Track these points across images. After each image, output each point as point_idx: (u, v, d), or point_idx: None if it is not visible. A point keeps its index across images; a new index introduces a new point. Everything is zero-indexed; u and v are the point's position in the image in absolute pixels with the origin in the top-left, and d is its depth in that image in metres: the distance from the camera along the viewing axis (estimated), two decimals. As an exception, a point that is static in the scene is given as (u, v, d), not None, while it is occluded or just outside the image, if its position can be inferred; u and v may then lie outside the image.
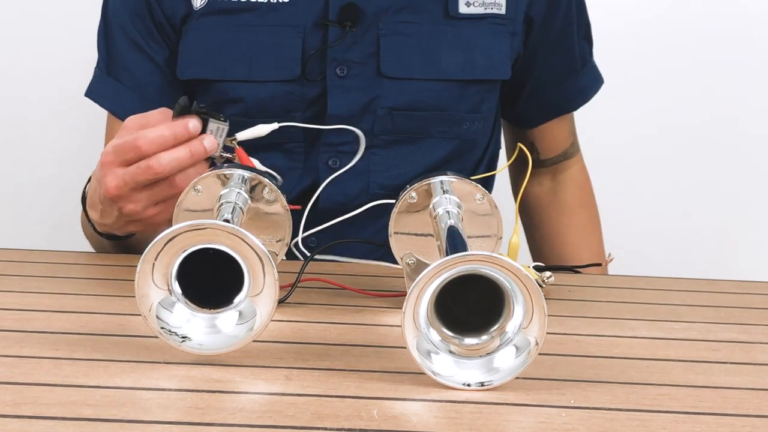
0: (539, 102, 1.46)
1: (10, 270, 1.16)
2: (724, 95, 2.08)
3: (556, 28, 1.40)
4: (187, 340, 0.85)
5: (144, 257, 0.84)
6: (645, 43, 2.07)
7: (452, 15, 1.33)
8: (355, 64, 1.21)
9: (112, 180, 1.11)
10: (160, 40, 1.35)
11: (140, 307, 0.85)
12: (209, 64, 1.33)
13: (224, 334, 0.86)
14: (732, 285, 1.26)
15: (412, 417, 0.77)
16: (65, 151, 2.03)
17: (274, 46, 1.31)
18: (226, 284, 0.86)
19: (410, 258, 1.05)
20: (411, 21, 1.33)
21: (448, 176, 1.04)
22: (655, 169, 2.10)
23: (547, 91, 1.45)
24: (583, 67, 1.47)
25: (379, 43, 1.31)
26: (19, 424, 0.72)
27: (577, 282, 1.23)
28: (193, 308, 0.87)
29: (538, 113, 1.48)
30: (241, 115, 1.30)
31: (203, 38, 1.33)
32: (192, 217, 1.01)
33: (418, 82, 1.26)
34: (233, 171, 1.01)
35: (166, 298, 0.86)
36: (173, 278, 0.86)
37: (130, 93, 1.36)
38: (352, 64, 1.20)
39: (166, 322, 0.86)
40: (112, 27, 1.37)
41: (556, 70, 1.44)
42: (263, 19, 1.32)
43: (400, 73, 1.29)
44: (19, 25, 2.02)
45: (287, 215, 1.02)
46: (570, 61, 1.45)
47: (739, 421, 0.79)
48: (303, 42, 1.31)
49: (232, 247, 0.84)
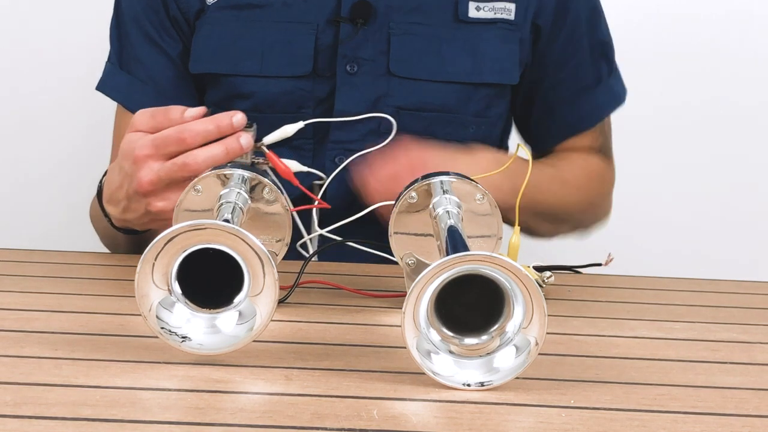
0: (551, 121, 1.45)
1: (10, 270, 1.16)
2: (725, 95, 2.08)
3: (561, 42, 1.40)
4: (187, 340, 0.85)
5: (144, 257, 0.84)
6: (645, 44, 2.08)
7: (461, 19, 1.34)
8: (365, 61, 1.22)
9: (147, 174, 1.08)
10: (174, 34, 1.36)
11: (140, 307, 0.85)
12: (221, 58, 1.34)
13: (224, 334, 0.86)
14: (732, 285, 1.26)
15: (412, 417, 0.77)
16: (66, 150, 2.03)
17: (287, 42, 1.32)
18: (226, 284, 0.86)
19: (410, 258, 1.05)
20: (421, 22, 1.33)
21: (448, 176, 1.04)
22: (655, 169, 2.10)
23: (558, 110, 1.44)
24: (596, 86, 1.45)
25: (390, 42, 1.32)
26: (19, 424, 0.72)
27: (577, 282, 1.23)
28: (193, 308, 0.87)
29: (551, 133, 1.46)
30: (250, 110, 1.30)
31: (216, 33, 1.34)
32: (192, 217, 1.01)
33: (426, 83, 1.27)
34: (233, 171, 1.01)
35: (166, 298, 0.86)
36: (173, 278, 0.86)
37: (144, 86, 1.37)
38: (362, 61, 1.21)
39: (166, 322, 0.86)
40: (126, 21, 1.38)
41: (566, 88, 1.43)
42: (276, 15, 1.33)
43: (408, 73, 1.29)
44: (19, 25, 2.02)
45: (287, 215, 1.02)
46: (580, 79, 1.44)
47: (739, 421, 0.79)
48: (316, 38, 1.32)
49: (232, 247, 0.84)
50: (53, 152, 2.04)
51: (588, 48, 1.43)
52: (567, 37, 1.41)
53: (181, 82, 1.37)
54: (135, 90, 1.38)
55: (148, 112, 1.13)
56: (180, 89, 1.37)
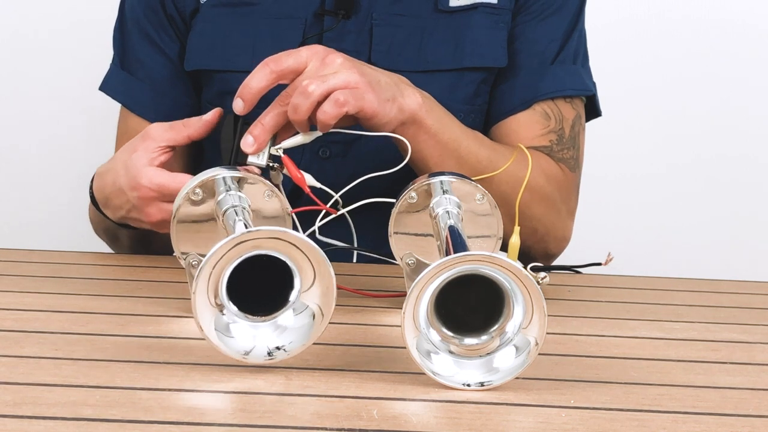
0: (509, 88, 1.38)
1: (10, 270, 1.16)
2: (725, 95, 2.09)
3: (538, 3, 1.37)
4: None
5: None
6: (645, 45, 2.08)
7: (442, 8, 1.34)
8: (349, 53, 1.22)
9: (156, 214, 1.15)
10: (172, 33, 1.38)
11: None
12: (213, 55, 1.35)
13: (293, 328, 0.85)
14: (732, 285, 1.26)
15: (412, 417, 0.77)
16: (66, 150, 2.03)
17: (276, 37, 1.33)
18: (266, 288, 0.85)
19: (410, 258, 1.05)
20: (403, 14, 1.34)
21: (448, 176, 1.04)
22: (655, 168, 2.10)
23: (520, 75, 1.37)
24: (565, 64, 1.39)
25: (372, 34, 1.33)
26: (19, 424, 0.72)
27: (577, 282, 1.23)
28: (253, 320, 0.85)
29: (504, 102, 1.38)
30: None
31: (208, 30, 1.35)
32: (193, 229, 1.00)
33: (408, 74, 1.26)
34: (215, 174, 1.00)
35: (217, 318, 0.84)
36: (225, 297, 0.84)
37: (142, 85, 1.38)
38: (346, 53, 1.21)
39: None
40: (128, 21, 1.41)
41: (535, 52, 1.37)
42: (267, 11, 1.34)
43: (389, 64, 1.29)
44: (19, 26, 2.02)
45: (285, 214, 1.02)
46: (551, 41, 1.38)
47: (739, 421, 0.79)
48: (303, 33, 1.32)
49: (276, 250, 0.83)
50: (53, 152, 2.04)
51: (567, 29, 1.39)
52: (549, 4, 1.37)
53: (179, 81, 1.38)
54: (135, 90, 1.39)
55: (165, 125, 1.18)
56: (178, 88, 1.38)
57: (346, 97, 1.10)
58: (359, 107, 1.11)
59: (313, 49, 1.14)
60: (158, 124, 1.19)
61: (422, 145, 1.20)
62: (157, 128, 1.18)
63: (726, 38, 2.07)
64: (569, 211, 1.38)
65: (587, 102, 1.41)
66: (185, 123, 1.19)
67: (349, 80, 1.11)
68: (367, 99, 1.12)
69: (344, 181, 1.24)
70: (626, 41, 2.07)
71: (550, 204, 1.34)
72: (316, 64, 1.13)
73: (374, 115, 1.13)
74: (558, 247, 1.38)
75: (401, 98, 1.16)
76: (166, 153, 1.17)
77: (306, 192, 1.10)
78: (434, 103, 1.21)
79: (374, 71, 1.16)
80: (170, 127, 1.18)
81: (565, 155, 1.37)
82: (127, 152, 1.19)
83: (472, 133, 1.26)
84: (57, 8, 2.02)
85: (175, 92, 1.38)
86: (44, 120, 2.04)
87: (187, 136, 1.18)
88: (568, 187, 1.37)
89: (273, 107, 1.12)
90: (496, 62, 1.36)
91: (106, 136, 1.50)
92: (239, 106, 1.12)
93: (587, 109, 1.41)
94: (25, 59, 2.03)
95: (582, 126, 1.40)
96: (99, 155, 1.47)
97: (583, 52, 1.42)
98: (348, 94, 1.10)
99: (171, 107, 1.37)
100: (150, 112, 1.37)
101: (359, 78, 1.12)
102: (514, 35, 1.38)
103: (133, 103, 1.39)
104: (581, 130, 1.40)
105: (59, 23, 2.02)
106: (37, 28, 2.02)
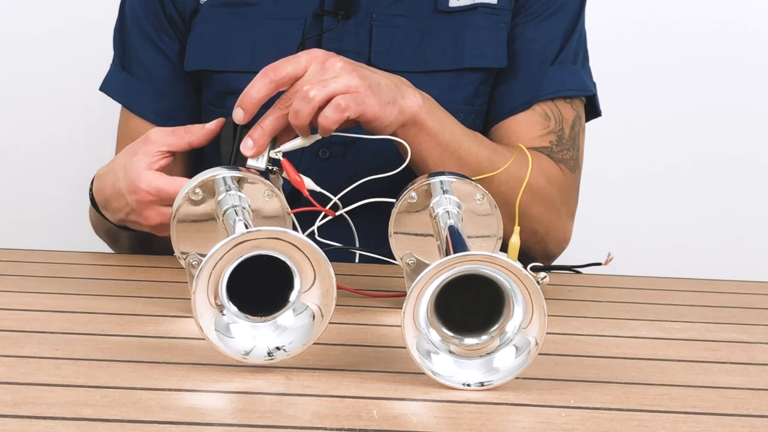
0: (508, 89, 1.37)
1: (10, 270, 1.16)
2: (725, 95, 2.09)
3: (538, 3, 1.37)
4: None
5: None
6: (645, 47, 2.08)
7: (441, 9, 1.34)
8: (348, 53, 1.22)
9: (155, 218, 1.16)
10: (172, 34, 1.38)
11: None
12: (213, 55, 1.35)
13: (293, 329, 0.85)
14: (732, 285, 1.26)
15: (412, 417, 0.77)
16: (66, 150, 2.03)
17: (276, 38, 1.33)
18: (266, 289, 0.85)
19: (410, 258, 1.05)
20: (403, 14, 1.34)
21: (448, 176, 1.04)
22: (655, 169, 2.10)
23: (520, 76, 1.37)
24: (566, 64, 1.38)
25: (372, 34, 1.33)
26: (19, 424, 0.72)
27: (577, 282, 1.23)
28: (253, 320, 0.85)
29: (507, 98, 1.37)
30: None
31: (208, 30, 1.35)
32: (193, 229, 1.00)
33: (408, 74, 1.26)
34: (215, 174, 1.00)
35: (218, 319, 0.84)
36: (225, 298, 0.84)
37: (142, 85, 1.38)
38: (345, 53, 1.21)
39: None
40: (128, 22, 1.41)
41: (535, 51, 1.37)
42: (267, 11, 1.34)
43: (389, 65, 1.29)
44: (19, 26, 2.02)
45: (286, 214, 1.02)
46: (551, 42, 1.38)
47: (739, 421, 0.79)
48: (303, 33, 1.32)
49: (276, 250, 0.83)
50: (53, 152, 2.04)
51: (567, 29, 1.39)
52: (549, 5, 1.37)
53: (179, 82, 1.38)
54: (135, 90, 1.39)
55: (167, 130, 1.18)
56: (178, 89, 1.38)
57: (347, 101, 1.10)
58: (360, 111, 1.11)
59: (313, 54, 1.14)
60: (160, 128, 1.20)
61: (422, 146, 1.20)
62: (158, 132, 1.18)
63: (726, 38, 2.07)
64: (569, 212, 1.38)
65: (587, 102, 1.41)
66: (187, 129, 1.19)
67: (350, 84, 1.11)
68: (368, 103, 1.12)
69: (344, 181, 1.24)
70: (626, 41, 2.07)
71: (550, 204, 1.34)
72: (316, 68, 1.13)
73: (375, 118, 1.13)
74: (558, 248, 1.38)
75: (402, 100, 1.17)
76: (166, 158, 1.18)
77: (305, 195, 1.10)
78: (434, 104, 1.22)
79: (374, 74, 1.16)
80: (172, 132, 1.18)
81: (565, 156, 1.37)
82: (127, 155, 1.19)
83: (473, 133, 1.27)
84: (57, 8, 2.02)
85: (175, 93, 1.38)
86: (44, 120, 2.04)
87: (188, 142, 1.18)
88: (568, 188, 1.37)
89: (273, 111, 1.12)
90: (496, 63, 1.36)
91: (106, 137, 1.50)
92: (239, 116, 1.12)
93: (587, 109, 1.41)
94: (25, 59, 2.03)
95: (582, 126, 1.40)
96: (99, 155, 1.47)
97: (583, 52, 1.42)
98: (349, 98, 1.10)
99: (171, 108, 1.38)
100: (150, 113, 1.37)
101: (360, 82, 1.12)
102: (514, 36, 1.38)
103: (134, 104, 1.39)
104: (581, 130, 1.40)
105: (59, 23, 2.02)
106: (37, 28, 2.02)
